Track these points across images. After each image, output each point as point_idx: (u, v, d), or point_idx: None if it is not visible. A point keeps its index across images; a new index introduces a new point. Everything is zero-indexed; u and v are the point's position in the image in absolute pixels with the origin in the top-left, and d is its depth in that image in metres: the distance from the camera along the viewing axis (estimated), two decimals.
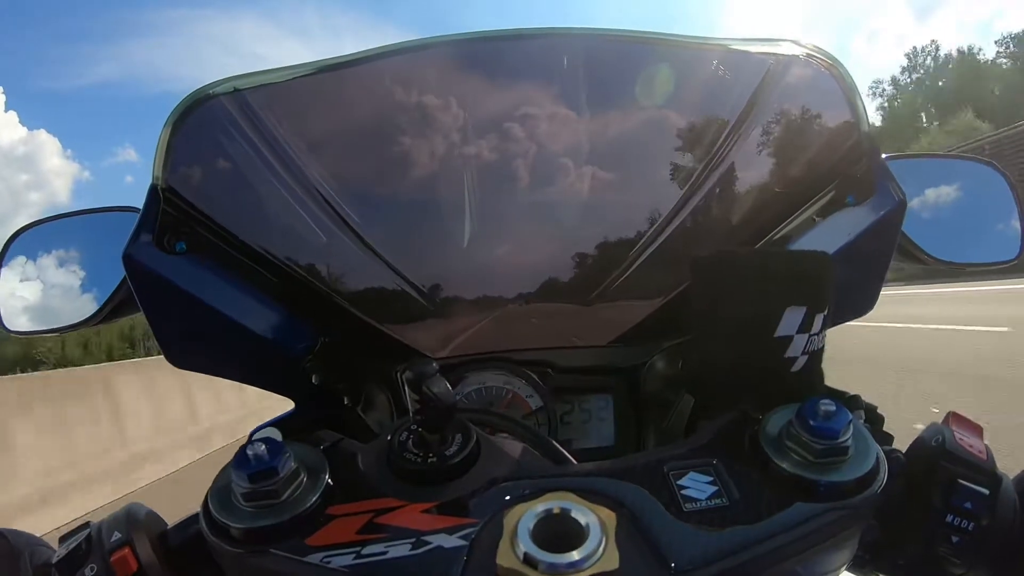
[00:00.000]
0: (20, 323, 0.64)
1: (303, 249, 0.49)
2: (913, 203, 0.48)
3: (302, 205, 0.47)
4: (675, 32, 0.48)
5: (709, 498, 0.33)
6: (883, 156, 0.49)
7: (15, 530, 0.42)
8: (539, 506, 0.31)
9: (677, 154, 0.49)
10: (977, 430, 0.41)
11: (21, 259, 0.67)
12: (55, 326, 0.61)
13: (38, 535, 0.43)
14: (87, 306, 0.58)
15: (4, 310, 0.64)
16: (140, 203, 0.46)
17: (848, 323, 0.48)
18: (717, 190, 0.49)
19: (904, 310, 8.40)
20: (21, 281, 0.66)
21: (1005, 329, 6.17)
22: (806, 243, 0.49)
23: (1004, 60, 37.91)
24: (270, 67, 0.47)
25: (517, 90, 0.48)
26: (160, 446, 5.26)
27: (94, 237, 0.64)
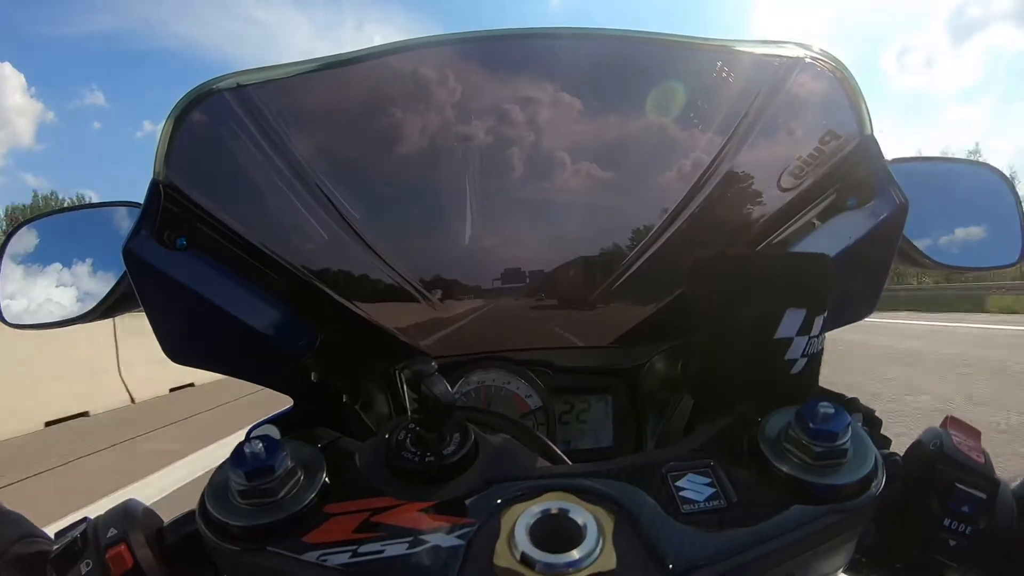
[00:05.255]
0: (20, 316, 0.64)
1: (304, 246, 0.49)
2: (914, 206, 0.48)
3: (303, 202, 0.47)
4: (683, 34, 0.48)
5: (707, 500, 0.33)
6: (885, 160, 0.49)
7: (8, 511, 0.42)
8: (537, 506, 0.31)
9: (679, 155, 0.49)
10: (975, 434, 0.41)
11: (21, 253, 0.67)
12: (55, 320, 0.61)
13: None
14: (87, 301, 0.58)
15: (4, 304, 0.64)
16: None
17: None
18: (718, 192, 0.49)
19: None
20: (21, 275, 0.66)
21: None
22: (807, 246, 0.49)
23: None
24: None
25: (519, 89, 0.48)
26: None
27: (95, 232, 0.64)
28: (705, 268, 0.41)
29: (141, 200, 0.46)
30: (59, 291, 0.63)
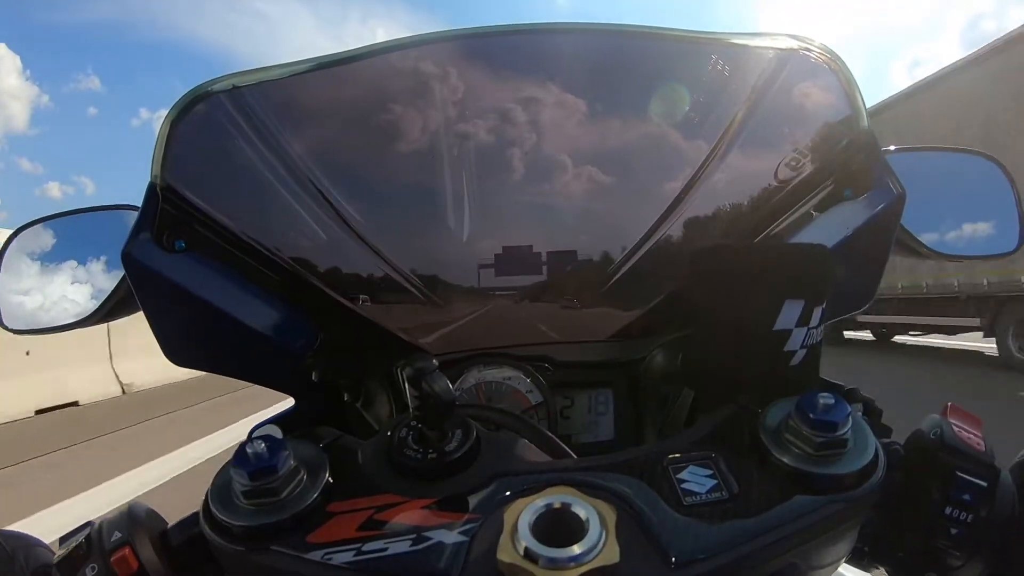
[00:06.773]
0: (19, 322, 0.64)
1: (303, 246, 0.49)
2: (912, 196, 0.48)
3: (301, 202, 0.47)
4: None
5: (709, 491, 0.33)
6: (882, 149, 0.49)
7: (8, 531, 0.42)
8: (539, 501, 0.31)
9: (675, 148, 0.49)
10: (976, 422, 0.41)
11: (20, 257, 0.67)
12: (54, 325, 0.61)
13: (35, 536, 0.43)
14: (87, 305, 0.58)
15: (3, 308, 0.64)
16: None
17: None
18: (715, 185, 0.49)
19: None
20: (20, 279, 0.66)
21: None
22: (804, 237, 0.49)
23: None
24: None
25: (516, 85, 0.48)
26: None
27: (94, 235, 0.64)
28: (703, 261, 0.41)
29: (139, 202, 0.46)
30: (58, 295, 0.62)
